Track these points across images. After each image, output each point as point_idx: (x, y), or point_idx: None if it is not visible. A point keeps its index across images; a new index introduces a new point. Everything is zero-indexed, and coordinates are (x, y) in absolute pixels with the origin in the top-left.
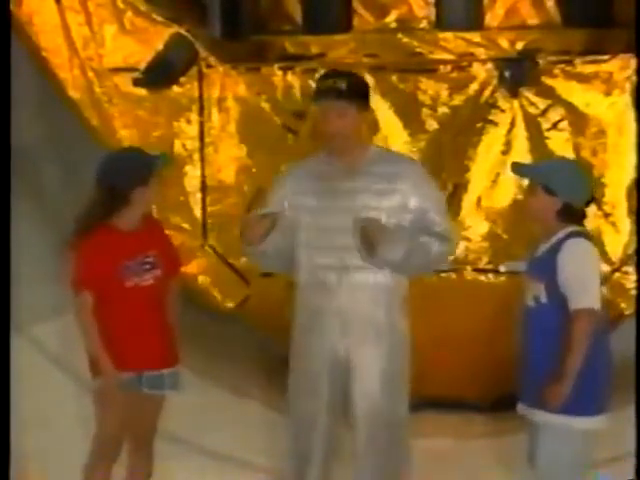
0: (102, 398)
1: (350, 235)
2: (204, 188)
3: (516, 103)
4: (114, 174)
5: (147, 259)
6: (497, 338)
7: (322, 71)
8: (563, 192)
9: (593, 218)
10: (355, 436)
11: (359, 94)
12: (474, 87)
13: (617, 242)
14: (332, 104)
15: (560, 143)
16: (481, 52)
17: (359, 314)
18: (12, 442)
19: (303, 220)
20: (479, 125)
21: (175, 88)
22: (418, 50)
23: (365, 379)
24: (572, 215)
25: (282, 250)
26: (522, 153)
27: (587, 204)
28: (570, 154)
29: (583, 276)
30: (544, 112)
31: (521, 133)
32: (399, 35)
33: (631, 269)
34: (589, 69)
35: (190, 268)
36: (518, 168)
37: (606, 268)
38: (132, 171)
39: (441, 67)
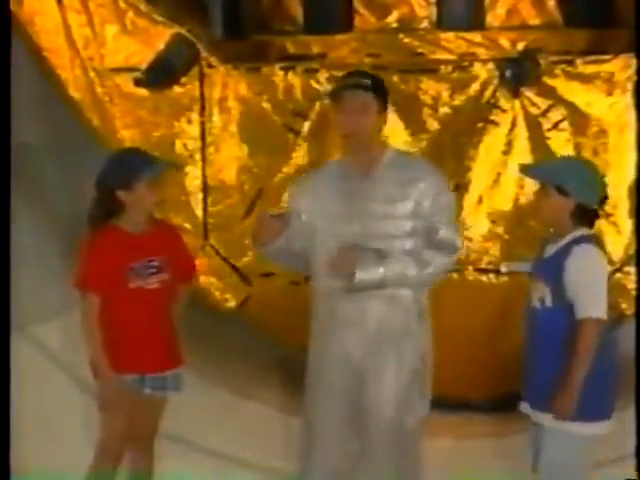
0: (105, 402)
1: (364, 241)
2: (205, 188)
3: (517, 103)
4: (101, 174)
5: (152, 262)
6: (499, 338)
7: (324, 71)
8: (576, 192)
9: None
10: (368, 445)
11: (381, 93)
12: (475, 87)
13: (618, 242)
14: (357, 97)
15: (561, 143)
16: (482, 52)
17: (376, 322)
18: (12, 442)
19: (320, 224)
20: (480, 125)
21: (176, 88)
22: (419, 50)
23: (379, 387)
24: (585, 216)
25: (294, 249)
26: (523, 153)
27: (601, 203)
28: (571, 154)
29: (591, 284)
30: (545, 112)
31: (522, 133)
32: (400, 35)
33: (632, 269)
34: (590, 69)
35: None
36: (528, 170)
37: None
38: (114, 175)
39: (442, 67)
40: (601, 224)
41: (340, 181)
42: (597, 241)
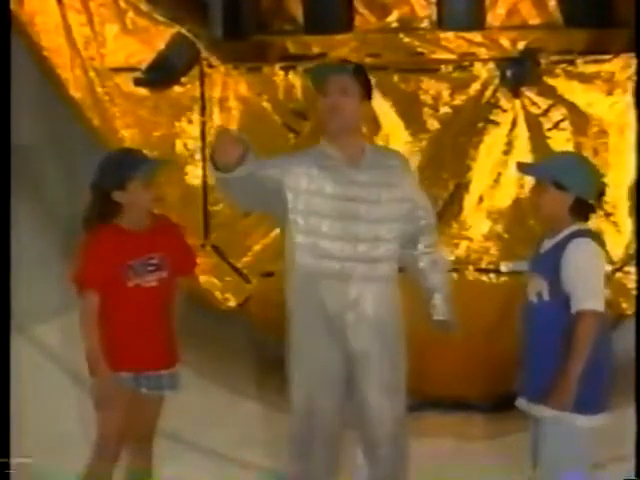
0: (101, 400)
1: (365, 225)
2: (205, 188)
3: (517, 103)
4: (94, 177)
5: (151, 260)
6: (499, 338)
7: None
8: (575, 187)
9: (594, 218)
10: (370, 431)
11: (363, 78)
12: (475, 87)
13: (618, 242)
14: (337, 80)
15: (561, 143)
16: (482, 52)
17: (370, 305)
18: (12, 442)
19: (309, 204)
20: (480, 125)
21: (176, 88)
22: (419, 50)
23: (378, 372)
24: (583, 210)
25: (255, 190)
26: (523, 153)
27: (599, 196)
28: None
29: (588, 277)
30: (545, 112)
31: (522, 133)
32: (400, 35)
33: (633, 269)
34: (591, 69)
35: None
36: (525, 168)
37: (607, 268)
38: (107, 176)
39: (442, 67)
40: (601, 223)
41: (328, 166)
42: (594, 235)
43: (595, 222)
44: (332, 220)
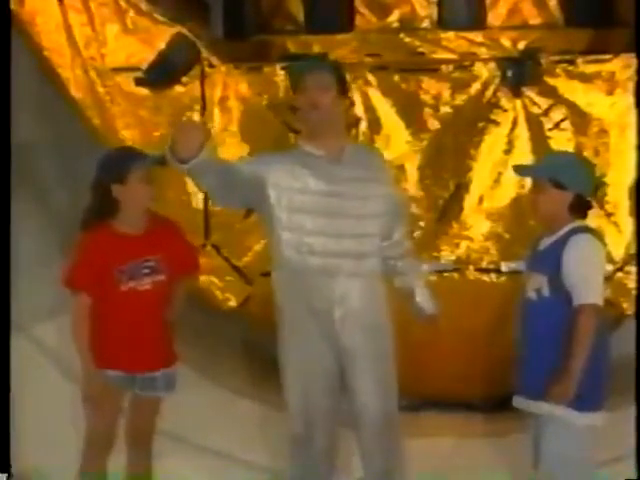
0: (87, 397)
1: (352, 221)
2: None
3: (518, 103)
4: (95, 175)
5: (147, 263)
6: (499, 338)
7: None
8: (574, 185)
9: (595, 218)
10: (362, 429)
11: (340, 75)
12: (476, 87)
13: (619, 242)
14: (315, 77)
15: (562, 143)
16: (483, 52)
17: (357, 300)
18: (12, 442)
19: (292, 201)
20: (481, 125)
21: (177, 88)
22: (420, 50)
23: (368, 369)
24: (581, 207)
25: (233, 184)
26: (524, 153)
27: (595, 191)
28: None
29: (588, 272)
30: (546, 112)
31: (523, 133)
32: (401, 35)
33: (633, 269)
34: (591, 69)
35: None
36: (522, 170)
37: (608, 268)
38: (106, 169)
39: (443, 67)
40: (602, 223)
41: (313, 163)
42: (593, 232)
43: (595, 222)
44: (317, 216)
